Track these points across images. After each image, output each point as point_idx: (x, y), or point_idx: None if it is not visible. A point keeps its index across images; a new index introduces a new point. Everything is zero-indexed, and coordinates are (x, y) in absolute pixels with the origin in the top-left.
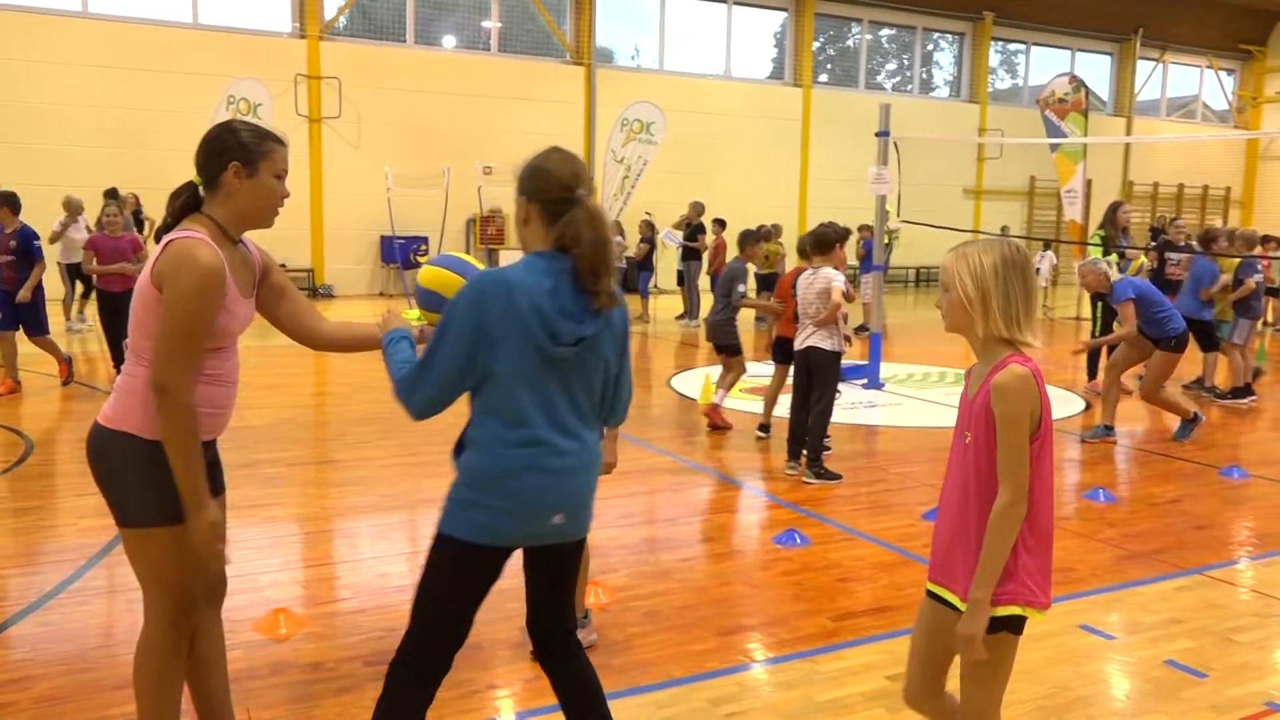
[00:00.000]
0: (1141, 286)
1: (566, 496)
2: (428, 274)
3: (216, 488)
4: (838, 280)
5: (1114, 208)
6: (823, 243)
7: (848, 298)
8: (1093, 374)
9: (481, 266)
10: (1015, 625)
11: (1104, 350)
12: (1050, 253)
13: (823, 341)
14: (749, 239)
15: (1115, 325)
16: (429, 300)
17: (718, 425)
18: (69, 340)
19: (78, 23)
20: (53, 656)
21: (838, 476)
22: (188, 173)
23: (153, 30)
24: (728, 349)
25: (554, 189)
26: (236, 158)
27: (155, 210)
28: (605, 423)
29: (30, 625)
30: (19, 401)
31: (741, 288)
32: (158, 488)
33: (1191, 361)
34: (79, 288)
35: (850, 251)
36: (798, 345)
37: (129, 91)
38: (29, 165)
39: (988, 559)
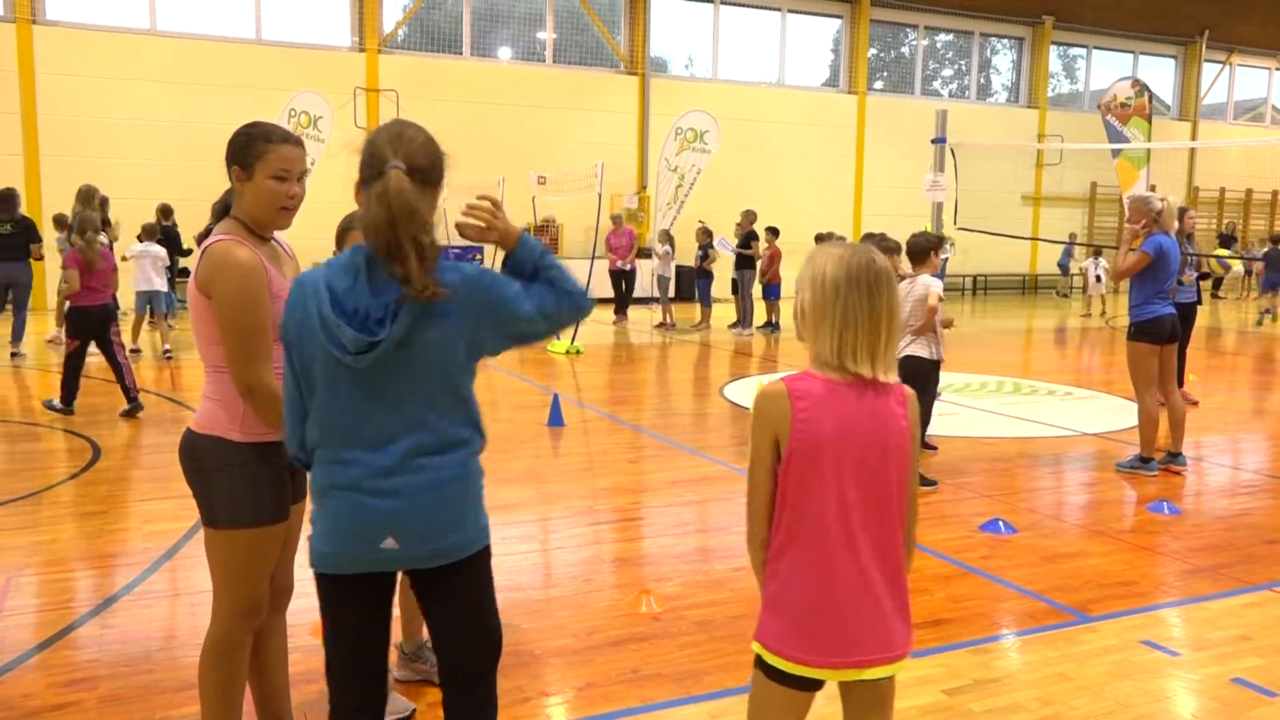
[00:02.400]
0: (1168, 253)
1: (394, 519)
2: None
3: (299, 493)
4: (935, 286)
5: (1179, 214)
6: (917, 252)
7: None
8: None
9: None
10: (763, 664)
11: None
12: (1101, 259)
13: (920, 350)
14: (928, 249)
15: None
16: None
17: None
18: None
19: (146, 40)
20: (117, 657)
21: (933, 483)
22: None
23: (217, 46)
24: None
25: (366, 165)
26: (235, 161)
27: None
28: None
29: (96, 627)
30: (87, 409)
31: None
32: (244, 490)
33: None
34: None
35: (906, 261)
36: (897, 354)
37: (195, 105)
38: (102, 178)
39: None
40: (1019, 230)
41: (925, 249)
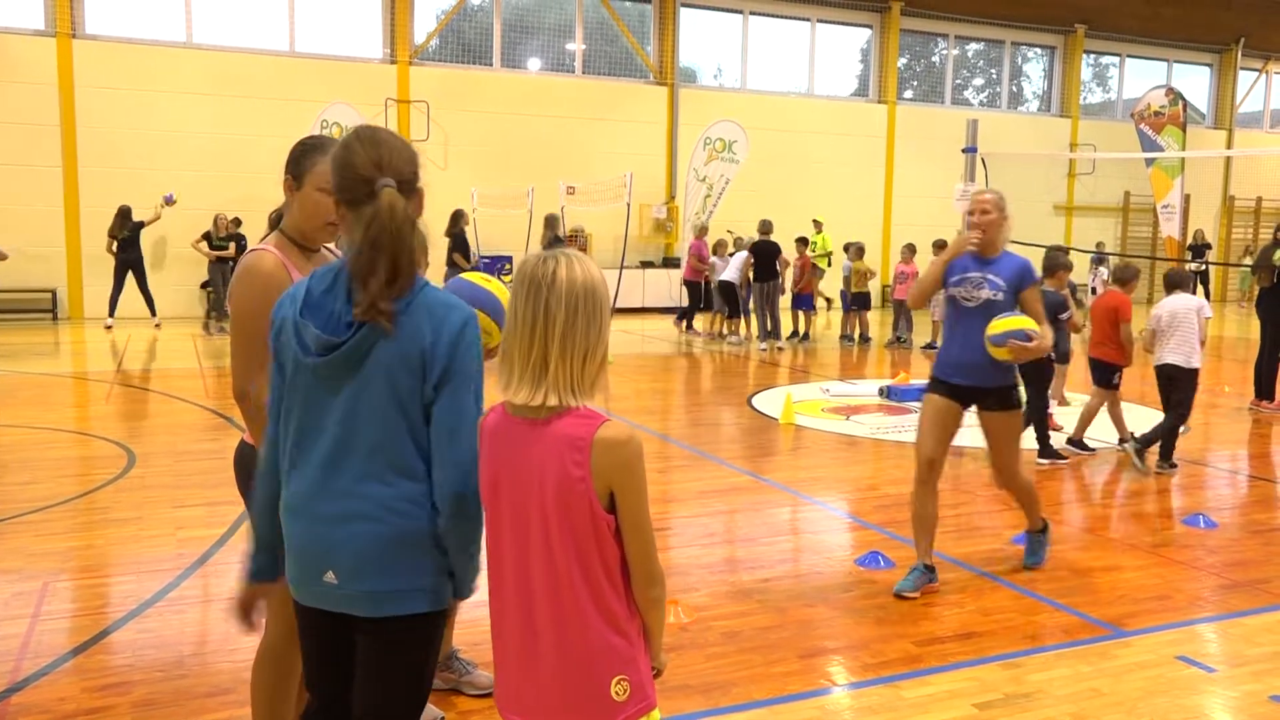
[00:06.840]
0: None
1: (334, 549)
2: None
3: None
4: (1206, 309)
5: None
6: (1181, 282)
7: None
8: (1260, 392)
9: (494, 287)
10: None
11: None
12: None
13: (1178, 359)
14: (1059, 265)
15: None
16: None
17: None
18: None
19: (182, 53)
20: (151, 663)
21: (1174, 465)
22: (283, 196)
23: (251, 59)
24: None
25: (351, 184)
26: (289, 171)
27: (254, 230)
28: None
29: (131, 632)
30: (122, 416)
31: (1064, 315)
32: None
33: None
34: None
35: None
36: (1156, 361)
37: (230, 117)
38: (139, 189)
39: None
40: (1051, 240)
41: (1186, 281)
